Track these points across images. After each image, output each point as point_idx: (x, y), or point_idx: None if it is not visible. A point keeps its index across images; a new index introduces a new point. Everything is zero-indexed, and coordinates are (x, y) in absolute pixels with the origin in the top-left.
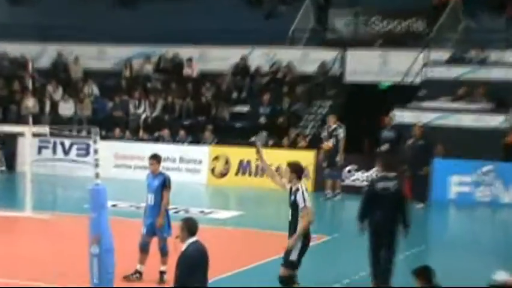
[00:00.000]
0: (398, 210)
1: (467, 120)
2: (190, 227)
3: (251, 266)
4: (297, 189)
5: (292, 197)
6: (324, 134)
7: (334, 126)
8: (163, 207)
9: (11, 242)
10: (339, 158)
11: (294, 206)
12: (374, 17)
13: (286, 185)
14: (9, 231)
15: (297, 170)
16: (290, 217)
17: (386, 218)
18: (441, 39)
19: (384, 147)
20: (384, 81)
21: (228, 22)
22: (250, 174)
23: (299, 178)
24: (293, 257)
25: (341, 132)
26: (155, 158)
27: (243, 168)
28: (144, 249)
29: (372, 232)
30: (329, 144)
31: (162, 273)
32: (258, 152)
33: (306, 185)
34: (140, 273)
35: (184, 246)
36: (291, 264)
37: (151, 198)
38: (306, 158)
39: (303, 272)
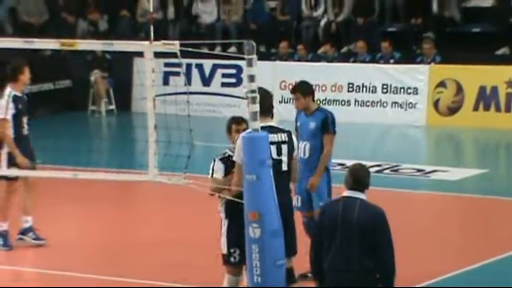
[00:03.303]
0: None
1: None
2: (354, 174)
3: (499, 257)
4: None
5: None
6: None
7: None
8: (323, 160)
9: (124, 224)
10: None
11: None
12: None
13: None
14: (122, 206)
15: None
16: None
17: None
18: None
19: None
20: None
21: None
22: (497, 109)
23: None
24: None
25: None
26: (302, 88)
27: (486, 99)
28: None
29: None
30: None
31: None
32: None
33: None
34: None
35: None
36: None
37: (304, 148)
38: None
39: None
